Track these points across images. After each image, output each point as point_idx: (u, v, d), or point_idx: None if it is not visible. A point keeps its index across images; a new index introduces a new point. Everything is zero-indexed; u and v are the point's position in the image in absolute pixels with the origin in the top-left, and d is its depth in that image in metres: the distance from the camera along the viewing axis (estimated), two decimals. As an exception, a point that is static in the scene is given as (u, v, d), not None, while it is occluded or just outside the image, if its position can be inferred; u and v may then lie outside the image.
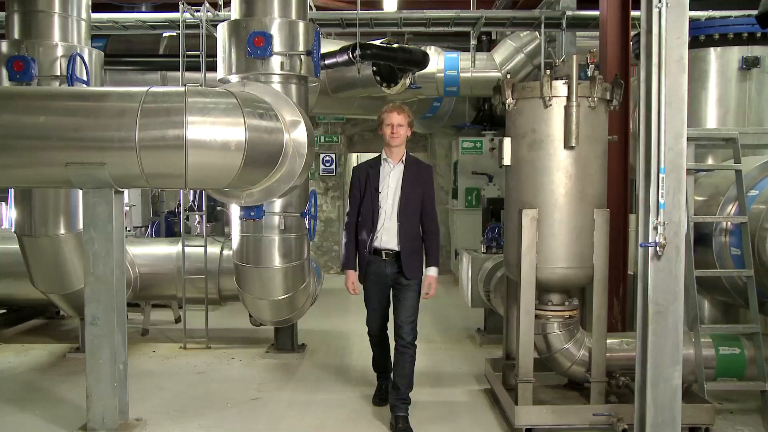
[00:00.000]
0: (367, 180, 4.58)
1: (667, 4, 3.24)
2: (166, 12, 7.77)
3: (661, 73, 3.29)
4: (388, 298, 4.66)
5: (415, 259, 4.57)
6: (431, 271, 4.59)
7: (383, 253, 4.53)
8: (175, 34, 7.94)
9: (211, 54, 6.76)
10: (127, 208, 9.07)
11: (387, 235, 4.51)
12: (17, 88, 4.79)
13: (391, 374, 4.62)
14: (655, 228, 3.31)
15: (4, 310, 7.27)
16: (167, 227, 9.30)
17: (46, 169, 4.09)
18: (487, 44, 10.04)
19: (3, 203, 9.45)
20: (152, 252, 6.87)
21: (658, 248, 3.31)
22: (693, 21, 5.96)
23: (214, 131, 4.07)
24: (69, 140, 3.98)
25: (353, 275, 4.67)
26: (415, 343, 4.51)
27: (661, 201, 3.29)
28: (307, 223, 5.48)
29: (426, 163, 4.88)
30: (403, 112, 4.49)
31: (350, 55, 7.14)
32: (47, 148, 3.99)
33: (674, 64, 3.30)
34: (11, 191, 8.80)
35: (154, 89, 4.14)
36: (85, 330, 6.10)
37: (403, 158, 4.56)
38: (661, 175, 3.29)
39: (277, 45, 5.11)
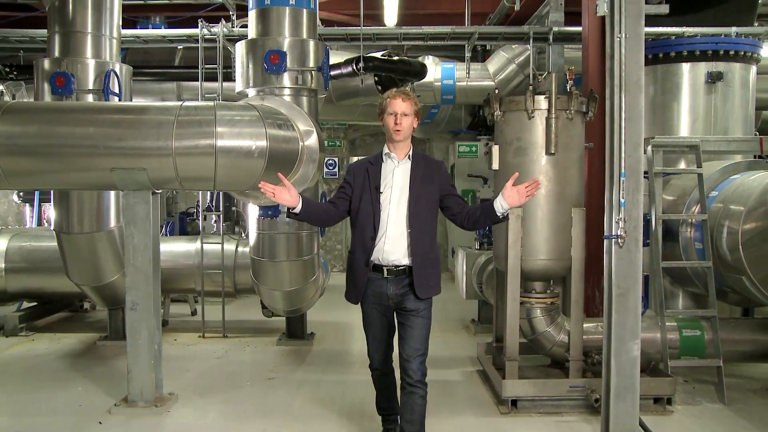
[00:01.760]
0: (365, 178, 3.78)
1: (626, 35, 3.85)
2: (180, 28, 8.35)
3: (621, 92, 3.90)
4: (393, 326, 3.91)
5: (430, 273, 3.74)
6: (498, 199, 3.71)
7: (385, 269, 3.70)
8: (187, 46, 8.57)
9: (226, 66, 7.42)
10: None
11: (390, 245, 3.68)
12: (69, 103, 5.38)
13: (399, 417, 3.93)
14: (617, 222, 3.92)
15: (35, 303, 7.86)
16: (181, 226, 9.93)
17: (94, 174, 4.69)
18: (481, 54, 10.64)
19: (27, 204, 10.06)
20: (172, 249, 7.44)
21: (619, 240, 3.92)
22: (665, 38, 6.63)
23: (240, 140, 4.67)
24: (114, 148, 4.57)
25: (295, 191, 3.72)
26: (426, 381, 3.77)
27: (622, 200, 3.90)
28: (317, 221, 6.08)
29: (435, 159, 4.06)
30: (408, 99, 3.72)
31: (354, 67, 7.77)
32: (95, 155, 4.58)
33: (633, 84, 3.91)
34: (37, 194, 9.48)
35: (187, 104, 4.75)
36: (119, 316, 6.86)
37: (410, 153, 3.79)
38: (621, 178, 3.90)
39: (291, 62, 5.70)
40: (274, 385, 5.59)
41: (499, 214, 3.69)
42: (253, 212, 6.03)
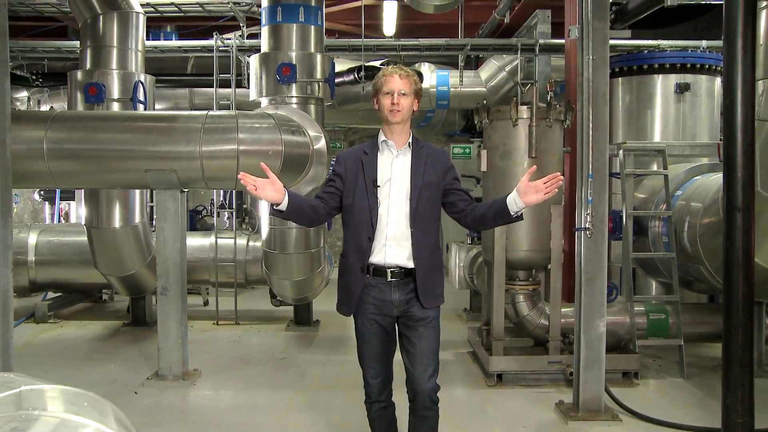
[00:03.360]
0: (359, 169, 3.24)
1: (593, 57, 4.50)
2: (193, 39, 8.99)
3: (590, 106, 4.55)
4: (394, 342, 3.34)
5: (435, 279, 3.28)
6: (512, 194, 3.08)
7: (389, 272, 3.20)
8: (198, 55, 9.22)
9: (237, 74, 8.06)
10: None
11: (394, 247, 3.20)
12: (108, 112, 6.00)
13: None
14: (586, 217, 4.57)
15: (59, 293, 8.49)
16: (191, 223, 10.57)
17: (130, 175, 5.33)
18: (474, 60, 11.30)
19: (47, 202, 10.69)
20: (187, 243, 8.02)
21: (587, 232, 4.57)
22: (638, 53, 7.29)
23: (259, 145, 5.31)
24: (148, 152, 5.22)
25: (280, 184, 3.12)
26: (438, 398, 3.28)
27: (590, 198, 4.55)
28: (325, 217, 6.74)
29: (438, 148, 3.49)
30: (406, 77, 3.21)
31: (356, 76, 8.45)
32: (132, 158, 5.23)
33: (600, 99, 4.56)
34: (58, 192, 10.10)
35: (212, 113, 5.39)
36: (140, 305, 7.49)
37: (410, 141, 3.27)
38: (589, 179, 4.55)
39: (300, 74, 6.32)
40: (285, 364, 6.24)
41: (512, 213, 3.09)
42: (265, 209, 6.67)
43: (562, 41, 8.02)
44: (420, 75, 9.06)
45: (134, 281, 7.20)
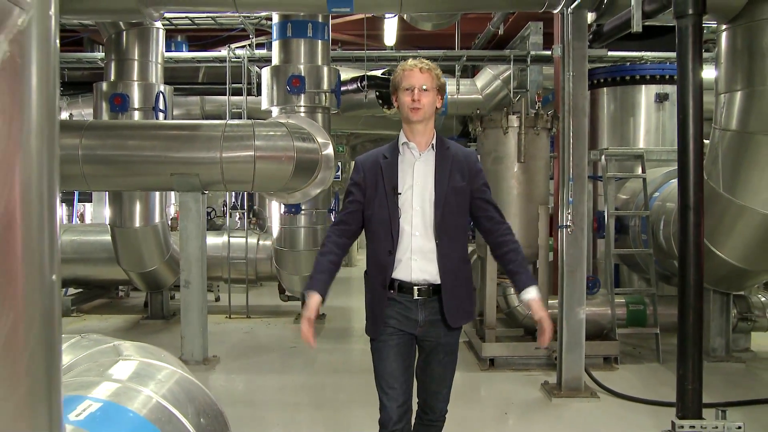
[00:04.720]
0: (378, 175, 2.92)
1: (573, 73, 5.05)
2: (205, 51, 9.58)
3: (570, 117, 5.09)
4: (413, 360, 3.03)
5: (463, 294, 2.97)
6: (531, 293, 2.90)
7: (416, 289, 2.89)
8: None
9: (247, 83, 8.61)
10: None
11: (419, 260, 2.88)
12: (137, 122, 6.56)
13: None
14: (567, 216, 5.11)
15: (80, 289, 9.03)
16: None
17: (156, 178, 5.89)
18: (471, 69, 11.86)
19: (64, 204, 11.24)
20: (201, 242, 8.62)
21: (568, 229, 5.11)
22: (622, 64, 7.84)
23: (274, 151, 5.86)
24: (173, 158, 5.77)
25: (315, 304, 2.86)
26: (447, 409, 3.13)
27: (570, 199, 5.09)
28: (332, 217, 7.30)
29: (466, 148, 3.16)
30: (428, 71, 2.85)
31: (359, 84, 9.01)
32: (158, 163, 5.78)
33: (579, 111, 5.10)
34: (77, 194, 10.64)
35: (231, 122, 5.95)
36: (158, 299, 8.02)
37: (434, 142, 2.93)
38: (570, 182, 5.09)
39: (308, 85, 6.89)
40: (295, 352, 6.78)
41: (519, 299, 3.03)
42: (275, 209, 7.22)
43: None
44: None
45: (153, 277, 7.74)
